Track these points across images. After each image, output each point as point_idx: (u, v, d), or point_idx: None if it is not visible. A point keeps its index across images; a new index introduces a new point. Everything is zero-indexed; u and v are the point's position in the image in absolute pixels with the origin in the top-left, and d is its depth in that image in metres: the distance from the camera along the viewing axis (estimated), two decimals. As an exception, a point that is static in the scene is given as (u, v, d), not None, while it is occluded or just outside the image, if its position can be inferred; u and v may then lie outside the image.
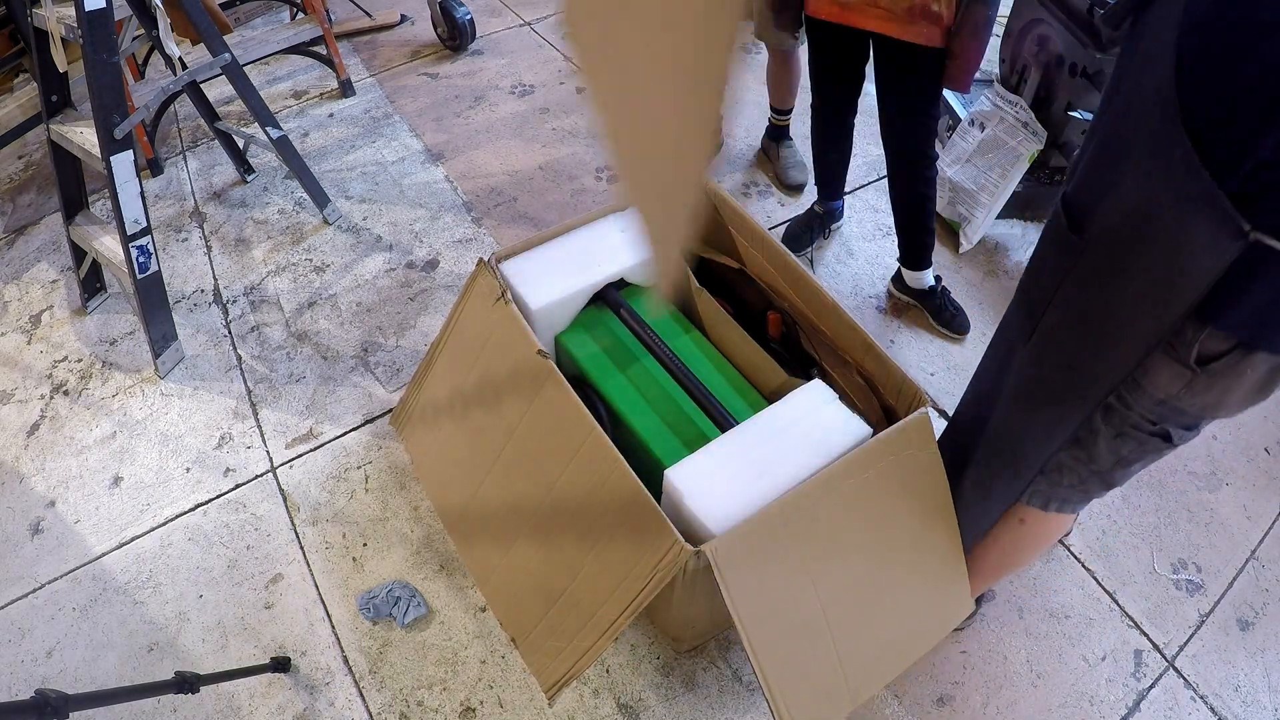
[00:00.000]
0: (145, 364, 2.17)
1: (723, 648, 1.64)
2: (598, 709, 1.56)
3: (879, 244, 2.44)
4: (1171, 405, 0.94)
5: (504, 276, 1.43)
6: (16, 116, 2.83)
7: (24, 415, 2.09)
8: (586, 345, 1.48)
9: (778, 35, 2.26)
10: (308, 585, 1.74)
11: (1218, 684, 1.62)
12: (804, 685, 1.24)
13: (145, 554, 1.80)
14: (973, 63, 1.69)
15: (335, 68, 2.97)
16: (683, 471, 1.20)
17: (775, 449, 1.22)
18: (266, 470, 1.94)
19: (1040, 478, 1.17)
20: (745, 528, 1.11)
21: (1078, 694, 1.59)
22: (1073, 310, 0.98)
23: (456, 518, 1.65)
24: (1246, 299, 0.80)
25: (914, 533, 1.32)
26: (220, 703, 1.58)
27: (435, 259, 2.42)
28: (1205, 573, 1.77)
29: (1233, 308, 0.81)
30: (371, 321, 2.25)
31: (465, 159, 2.74)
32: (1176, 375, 0.90)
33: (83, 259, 2.24)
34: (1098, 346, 0.97)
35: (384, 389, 2.09)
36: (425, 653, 1.64)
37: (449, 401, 1.60)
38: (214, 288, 2.36)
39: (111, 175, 1.87)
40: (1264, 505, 1.88)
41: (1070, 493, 1.17)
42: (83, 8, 1.69)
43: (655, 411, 1.39)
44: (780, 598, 1.18)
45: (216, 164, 2.76)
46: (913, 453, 1.25)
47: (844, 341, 1.42)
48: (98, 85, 1.78)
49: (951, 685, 1.60)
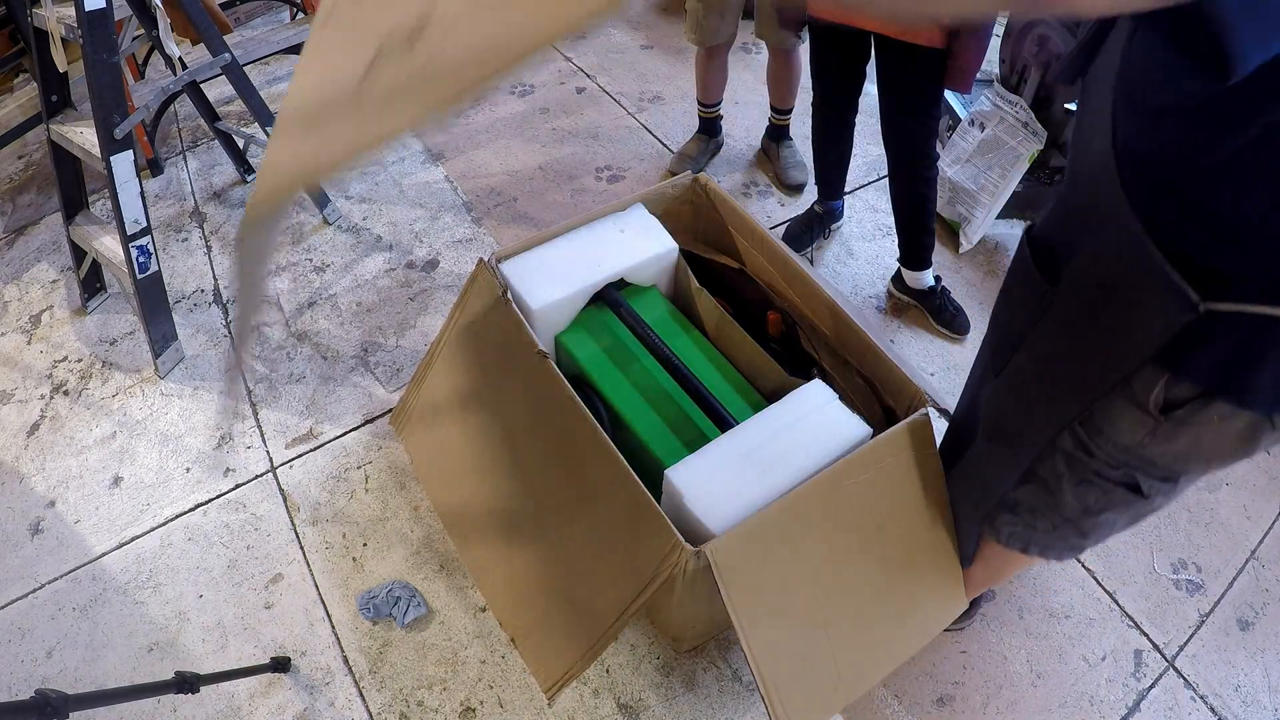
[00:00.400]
0: (145, 364, 2.17)
1: (723, 648, 1.64)
2: (598, 709, 1.56)
3: (879, 244, 2.44)
4: (1138, 453, 0.91)
5: (504, 276, 1.43)
6: (16, 116, 2.83)
7: (24, 415, 2.09)
8: (586, 345, 1.48)
9: (779, 34, 2.27)
10: (308, 585, 1.74)
11: (1218, 684, 1.62)
12: (800, 685, 1.24)
13: (145, 554, 1.80)
14: (973, 63, 1.69)
15: (335, 68, 2.97)
16: (683, 471, 1.20)
17: (775, 449, 1.22)
18: (266, 470, 1.94)
19: (1006, 514, 1.15)
20: (745, 528, 1.11)
21: (1078, 694, 1.59)
22: (1041, 357, 0.97)
23: (456, 518, 1.65)
24: (1205, 353, 0.78)
25: (912, 533, 1.32)
26: (220, 703, 1.58)
27: (435, 259, 2.42)
28: (1205, 573, 1.77)
29: (1192, 360, 0.79)
30: (371, 321, 2.25)
31: (465, 159, 2.74)
32: (1139, 421, 0.87)
33: (83, 259, 2.24)
34: (1056, 391, 0.95)
35: (384, 389, 2.09)
36: (425, 653, 1.64)
37: (449, 401, 1.60)
38: (214, 288, 2.36)
39: (111, 175, 1.87)
40: (1264, 505, 1.88)
41: (1048, 539, 1.13)
42: (83, 8, 1.69)
43: (655, 411, 1.39)
44: (779, 598, 1.18)
45: (216, 164, 2.76)
46: (913, 453, 1.25)
47: (844, 341, 1.42)
48: (98, 85, 1.78)
49: (951, 685, 1.60)
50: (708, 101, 2.60)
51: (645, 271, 1.53)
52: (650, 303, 1.54)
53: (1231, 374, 0.78)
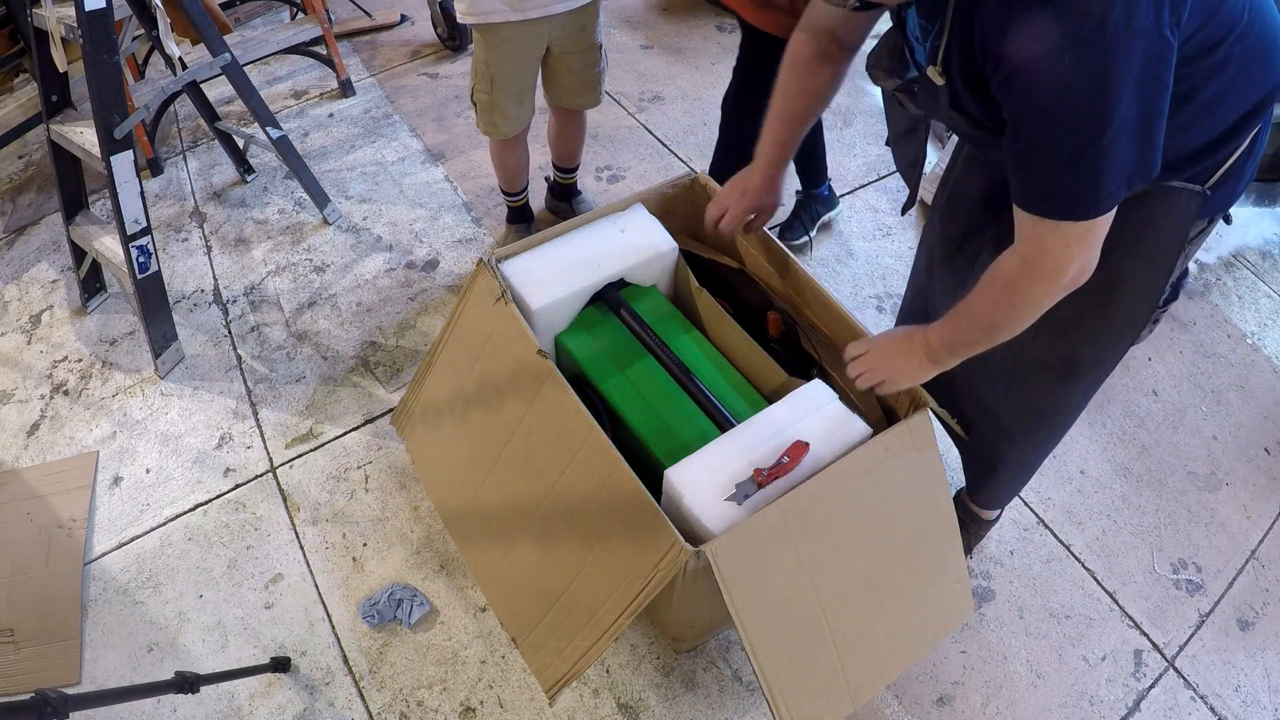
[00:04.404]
0: (145, 364, 2.17)
1: (723, 648, 1.64)
2: (598, 709, 1.57)
3: (879, 244, 2.44)
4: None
5: (504, 276, 1.42)
6: (16, 116, 2.84)
7: (24, 415, 2.09)
8: (586, 345, 1.48)
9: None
10: (308, 585, 1.74)
11: (1218, 684, 1.62)
12: (804, 685, 1.24)
13: (145, 554, 1.80)
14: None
15: (335, 68, 2.97)
16: (683, 471, 1.20)
17: (775, 449, 1.22)
18: (266, 470, 1.94)
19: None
20: (745, 527, 1.11)
21: (1078, 694, 1.59)
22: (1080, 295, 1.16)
23: (457, 518, 1.65)
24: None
25: (914, 533, 1.32)
26: (220, 703, 1.58)
27: (435, 259, 2.42)
28: (1205, 573, 1.77)
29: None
30: (371, 321, 2.25)
31: (465, 159, 2.74)
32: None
33: (83, 259, 2.24)
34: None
35: (384, 389, 2.09)
36: (425, 653, 1.64)
37: (449, 402, 1.60)
38: (214, 288, 2.36)
39: (111, 175, 1.87)
40: (1264, 505, 1.88)
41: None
42: (83, 8, 1.69)
43: (655, 411, 1.39)
44: (780, 598, 1.18)
45: (216, 164, 2.76)
46: (913, 453, 1.25)
47: (844, 341, 1.42)
48: (98, 85, 1.78)
49: (951, 685, 1.60)
50: (513, 190, 2.31)
51: (645, 271, 1.53)
52: (650, 303, 1.53)
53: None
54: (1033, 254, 0.98)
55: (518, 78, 1.91)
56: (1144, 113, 0.86)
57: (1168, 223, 1.09)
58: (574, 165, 2.38)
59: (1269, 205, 2.53)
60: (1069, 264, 0.96)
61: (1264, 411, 2.05)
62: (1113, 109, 0.83)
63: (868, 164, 2.68)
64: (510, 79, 1.90)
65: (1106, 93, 0.83)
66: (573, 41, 1.92)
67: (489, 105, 1.96)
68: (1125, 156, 0.87)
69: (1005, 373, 1.34)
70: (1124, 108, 0.84)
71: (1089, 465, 1.93)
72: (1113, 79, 0.82)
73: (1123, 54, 0.81)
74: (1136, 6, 0.80)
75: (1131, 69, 0.82)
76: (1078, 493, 1.89)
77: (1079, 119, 0.85)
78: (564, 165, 2.38)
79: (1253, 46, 0.97)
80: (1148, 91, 0.85)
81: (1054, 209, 0.93)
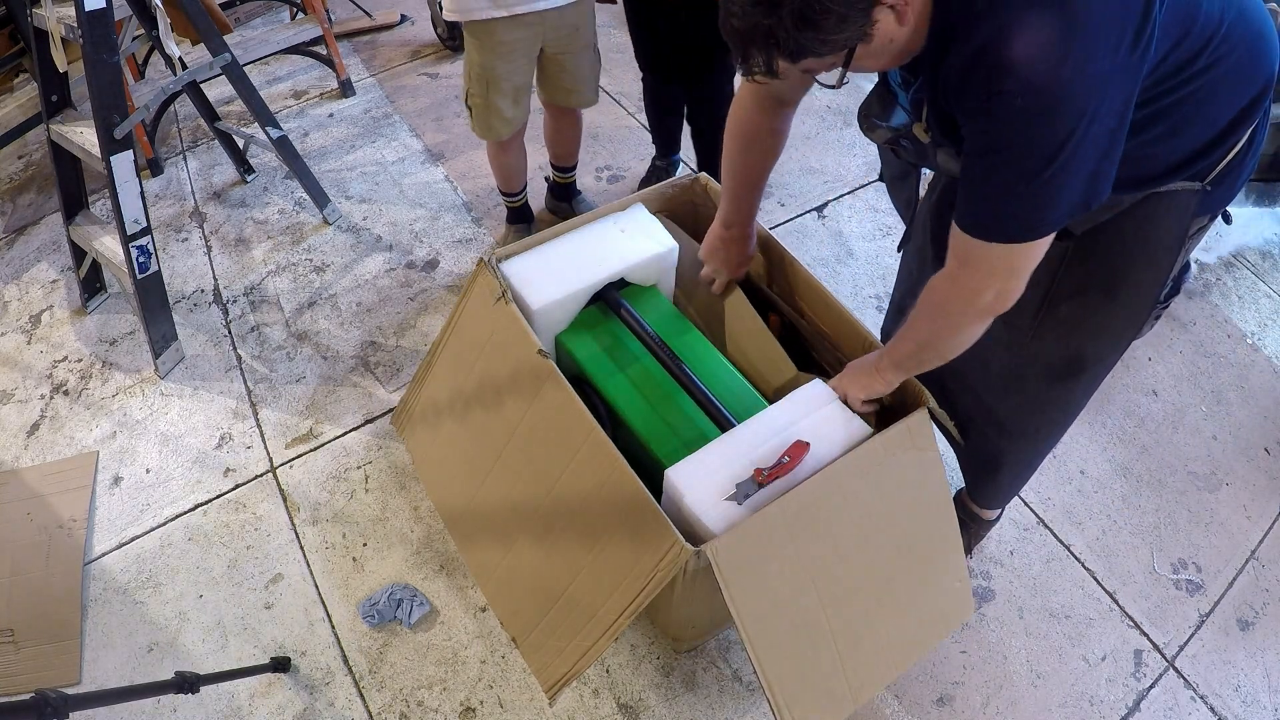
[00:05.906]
0: (145, 364, 2.17)
1: (723, 648, 1.64)
2: (598, 709, 1.57)
3: (879, 244, 2.44)
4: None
5: (504, 276, 1.42)
6: (16, 116, 2.83)
7: (24, 415, 2.09)
8: (586, 345, 1.48)
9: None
10: (308, 585, 1.74)
11: (1218, 684, 1.62)
12: (805, 685, 1.24)
13: (145, 554, 1.80)
14: None
15: (335, 68, 2.97)
16: (683, 471, 1.20)
17: (775, 449, 1.22)
18: (266, 470, 1.94)
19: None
20: (746, 527, 1.11)
21: (1078, 694, 1.59)
22: (1074, 292, 1.22)
23: (457, 517, 1.65)
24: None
25: (914, 533, 1.32)
26: (220, 703, 1.58)
27: (435, 259, 2.42)
28: (1205, 573, 1.77)
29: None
30: (371, 321, 2.25)
31: (465, 159, 2.74)
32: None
33: (83, 259, 2.24)
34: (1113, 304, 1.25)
35: (384, 389, 2.09)
36: (425, 653, 1.64)
37: (450, 401, 1.60)
38: (214, 288, 2.36)
39: (111, 175, 1.87)
40: (1264, 505, 1.88)
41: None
42: (83, 8, 1.69)
43: (655, 411, 1.39)
44: (781, 597, 1.18)
45: (216, 164, 2.76)
46: (913, 453, 1.25)
47: (844, 342, 1.42)
48: (98, 85, 1.78)
49: (951, 685, 1.60)
50: (512, 190, 2.32)
51: (645, 271, 1.53)
52: (650, 303, 1.53)
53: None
54: (955, 272, 1.02)
55: (512, 79, 1.91)
56: (1096, 153, 0.88)
57: (1167, 220, 1.10)
58: (572, 164, 2.39)
59: (1269, 205, 2.53)
60: (986, 287, 1.00)
61: (1264, 411, 2.05)
62: (1059, 149, 0.86)
63: (868, 164, 2.68)
64: (504, 80, 1.90)
65: (1056, 134, 0.86)
66: (567, 41, 1.92)
67: (483, 108, 1.96)
68: (1069, 192, 0.90)
69: (1006, 371, 1.35)
70: (1074, 147, 0.86)
71: (1089, 465, 1.93)
72: (1065, 122, 0.85)
73: (1077, 100, 0.84)
74: (1093, 52, 0.83)
75: (1084, 114, 0.85)
76: (1078, 493, 1.89)
77: (1027, 154, 0.88)
78: (561, 164, 2.39)
79: (1238, 46, 0.98)
80: (1099, 132, 0.87)
81: (989, 233, 0.96)
